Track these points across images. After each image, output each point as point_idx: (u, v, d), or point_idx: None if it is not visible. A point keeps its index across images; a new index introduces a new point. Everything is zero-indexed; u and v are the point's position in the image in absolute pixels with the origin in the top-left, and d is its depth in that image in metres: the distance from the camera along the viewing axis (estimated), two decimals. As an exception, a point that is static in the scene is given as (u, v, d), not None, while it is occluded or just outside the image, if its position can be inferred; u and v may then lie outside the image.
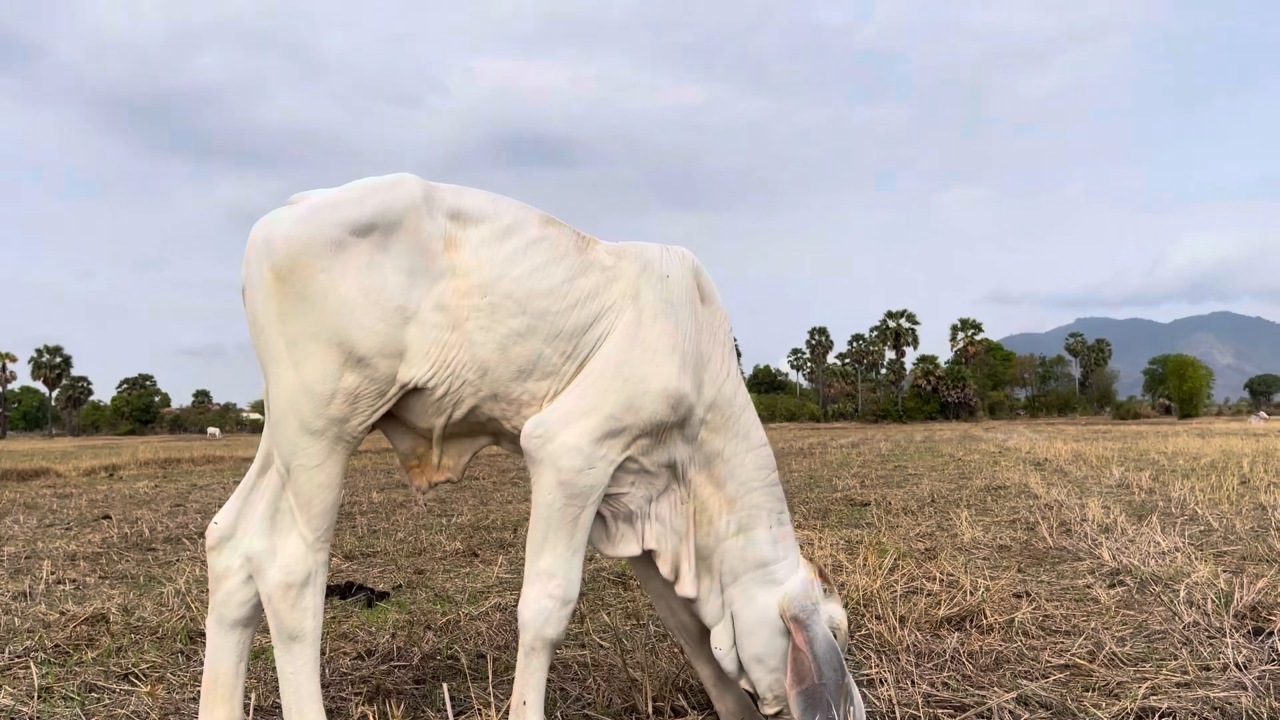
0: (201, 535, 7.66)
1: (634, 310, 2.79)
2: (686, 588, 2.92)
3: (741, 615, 2.88)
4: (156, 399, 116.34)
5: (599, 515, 2.91)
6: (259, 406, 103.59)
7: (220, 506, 2.92)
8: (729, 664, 2.90)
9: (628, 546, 2.94)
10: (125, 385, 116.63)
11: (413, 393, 2.67)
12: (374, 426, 2.71)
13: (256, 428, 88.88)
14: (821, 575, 2.91)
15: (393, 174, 2.73)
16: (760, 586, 2.87)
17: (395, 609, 4.73)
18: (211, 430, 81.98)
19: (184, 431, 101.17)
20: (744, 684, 2.89)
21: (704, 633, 3.21)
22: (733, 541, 2.91)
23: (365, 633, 4.24)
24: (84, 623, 4.42)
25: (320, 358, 2.54)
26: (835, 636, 2.80)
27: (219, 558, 2.82)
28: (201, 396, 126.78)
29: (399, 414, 2.75)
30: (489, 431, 2.85)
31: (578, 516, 2.68)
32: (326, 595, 4.92)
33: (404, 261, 2.62)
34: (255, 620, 2.85)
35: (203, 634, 4.20)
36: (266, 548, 2.67)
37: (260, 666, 3.67)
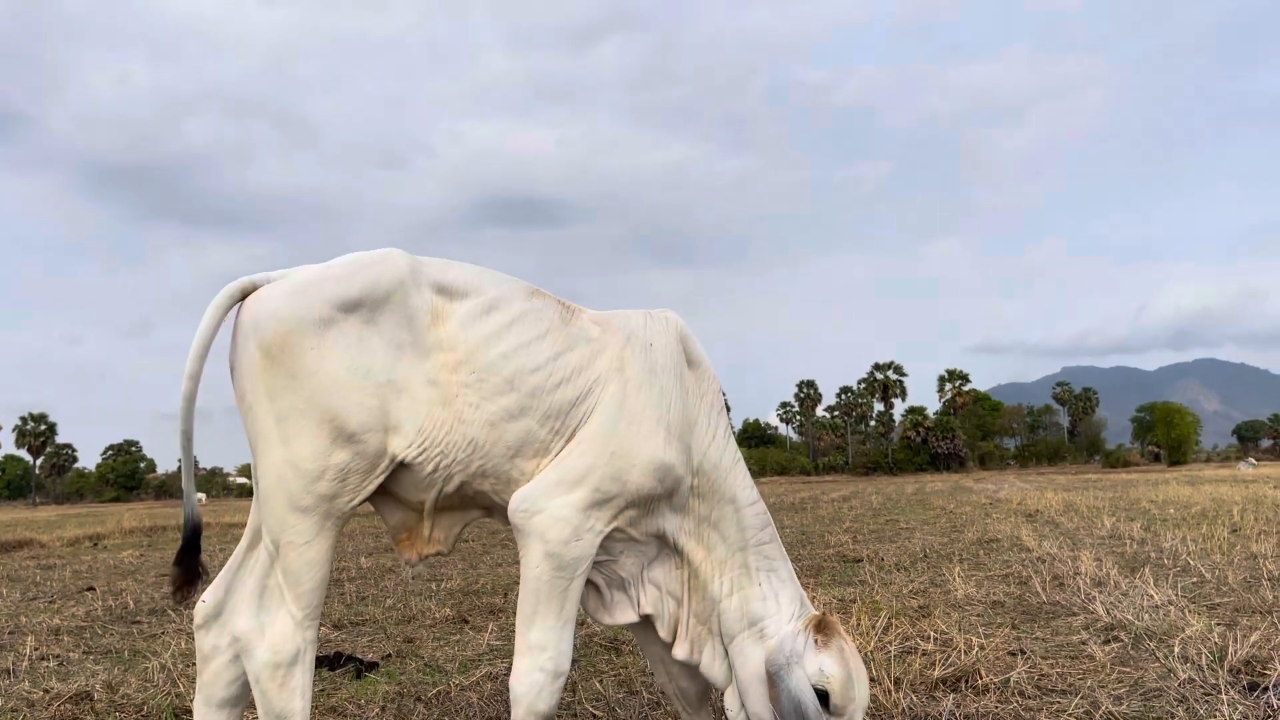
0: (187, 606, 7.56)
1: (619, 382, 2.80)
2: (680, 651, 2.92)
3: (738, 675, 2.88)
4: (142, 465, 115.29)
5: (594, 584, 2.91)
6: (246, 471, 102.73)
7: (207, 575, 2.90)
8: None
9: (624, 614, 2.94)
10: (110, 451, 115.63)
11: (403, 468, 2.67)
12: (363, 501, 2.70)
13: (243, 492, 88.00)
14: (819, 626, 2.82)
15: (379, 249, 2.76)
16: (753, 644, 2.87)
17: (385, 680, 4.66)
18: (198, 495, 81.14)
19: (170, 497, 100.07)
20: None
21: (702, 698, 3.19)
22: (727, 603, 2.91)
23: (354, 706, 4.17)
24: (68, 701, 4.35)
25: (309, 434, 2.55)
26: (828, 689, 2.70)
27: (206, 637, 2.79)
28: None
29: (389, 487, 2.75)
30: (479, 505, 2.85)
31: (567, 588, 2.68)
32: (316, 667, 4.86)
33: (392, 336, 2.63)
34: (243, 700, 2.81)
35: (189, 711, 4.13)
36: (254, 626, 2.64)
37: (248, 744, 3.61)
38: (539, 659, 2.65)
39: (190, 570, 2.78)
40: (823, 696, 2.72)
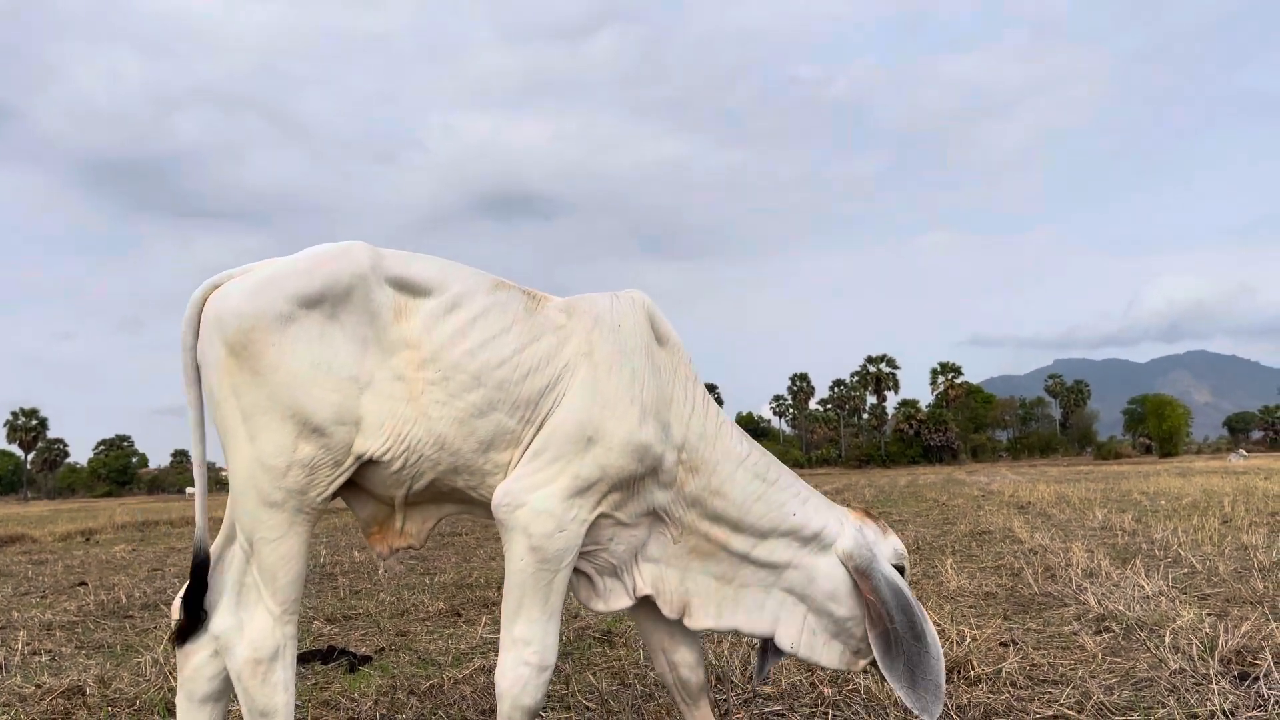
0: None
1: (589, 366, 2.79)
2: (706, 619, 2.95)
3: (813, 594, 2.94)
4: (134, 459, 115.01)
5: (584, 573, 2.90)
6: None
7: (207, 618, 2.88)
8: (805, 651, 2.97)
9: (618, 600, 2.94)
10: (102, 446, 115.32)
11: (371, 464, 2.66)
12: (334, 495, 2.70)
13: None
14: (868, 515, 3.02)
15: (342, 241, 2.73)
16: (816, 555, 2.95)
17: (378, 673, 4.66)
18: (190, 490, 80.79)
19: (162, 492, 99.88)
20: (827, 659, 2.99)
21: (701, 690, 3.20)
22: (766, 545, 2.95)
23: (348, 700, 4.17)
24: (60, 695, 4.34)
25: (275, 430, 2.54)
26: (903, 565, 2.97)
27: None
28: (180, 456, 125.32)
29: (359, 481, 2.74)
30: (454, 500, 2.84)
31: (551, 581, 2.68)
32: (309, 661, 4.86)
33: (355, 331, 2.62)
34: (225, 694, 2.81)
35: (181, 705, 4.12)
36: (233, 624, 2.63)
37: (240, 738, 3.60)
38: (524, 653, 2.65)
39: (195, 612, 2.73)
40: (900, 571, 2.97)
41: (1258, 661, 4.02)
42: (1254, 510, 11.62)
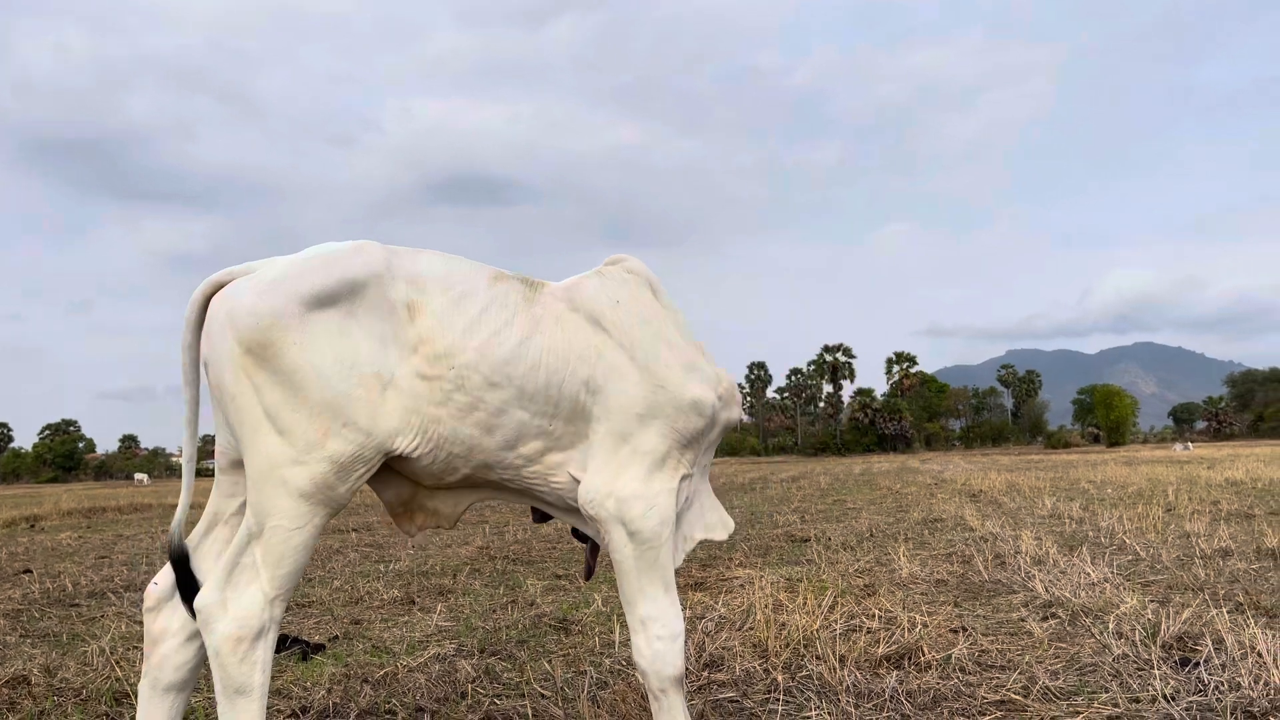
0: (128, 589, 7.43)
1: (611, 350, 2.85)
2: (723, 525, 3.19)
3: None
4: (81, 445, 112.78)
5: None
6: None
7: (148, 557, 2.86)
8: None
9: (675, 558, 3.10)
10: (48, 431, 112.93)
11: (399, 458, 2.66)
12: (358, 488, 2.69)
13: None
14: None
15: (353, 240, 2.72)
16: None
17: (331, 662, 4.63)
18: (139, 476, 79.22)
19: (110, 478, 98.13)
20: None
21: None
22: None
23: (300, 688, 4.14)
24: (5, 685, 4.26)
25: (305, 426, 2.50)
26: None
27: (156, 619, 2.73)
28: (129, 441, 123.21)
29: (387, 465, 2.74)
30: (491, 487, 2.88)
31: (657, 558, 2.77)
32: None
33: (372, 329, 2.60)
34: (190, 684, 2.77)
35: (128, 695, 4.07)
36: (217, 600, 2.56)
37: (190, 728, 3.56)
38: (653, 630, 2.76)
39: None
40: None
41: (1198, 647, 4.13)
42: (1197, 499, 11.91)
